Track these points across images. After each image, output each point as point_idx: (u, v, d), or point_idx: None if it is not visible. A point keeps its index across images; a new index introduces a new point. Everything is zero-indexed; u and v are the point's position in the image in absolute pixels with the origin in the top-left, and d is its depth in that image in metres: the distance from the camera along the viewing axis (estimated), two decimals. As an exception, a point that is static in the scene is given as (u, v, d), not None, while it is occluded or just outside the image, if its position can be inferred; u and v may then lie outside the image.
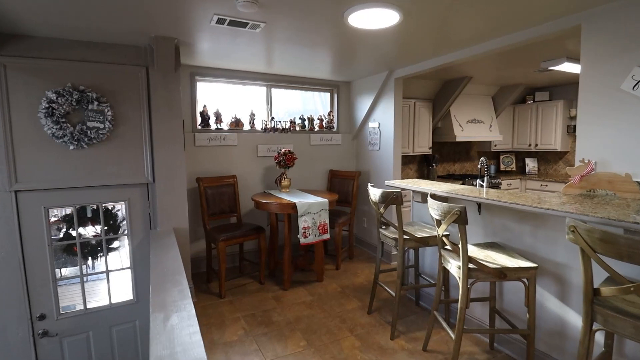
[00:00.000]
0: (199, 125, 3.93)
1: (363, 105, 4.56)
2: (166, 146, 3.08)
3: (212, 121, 3.98)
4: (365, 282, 3.67)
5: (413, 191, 2.97)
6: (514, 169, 6.14)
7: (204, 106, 3.91)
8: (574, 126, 5.34)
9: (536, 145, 5.63)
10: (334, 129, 4.80)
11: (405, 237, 2.59)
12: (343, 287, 3.55)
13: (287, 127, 4.34)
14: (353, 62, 3.69)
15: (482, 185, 2.88)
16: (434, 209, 2.12)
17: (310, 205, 3.29)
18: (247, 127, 4.18)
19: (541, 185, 5.39)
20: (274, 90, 4.38)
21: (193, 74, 3.85)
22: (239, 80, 4.11)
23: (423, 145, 5.01)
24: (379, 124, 4.35)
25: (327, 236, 3.41)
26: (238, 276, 3.78)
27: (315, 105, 4.83)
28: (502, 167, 6.15)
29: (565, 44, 3.20)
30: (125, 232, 3.12)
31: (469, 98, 5.29)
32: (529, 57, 3.66)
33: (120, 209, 3.18)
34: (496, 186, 5.27)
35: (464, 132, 5.09)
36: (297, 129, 4.51)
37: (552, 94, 5.62)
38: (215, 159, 3.97)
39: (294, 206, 3.25)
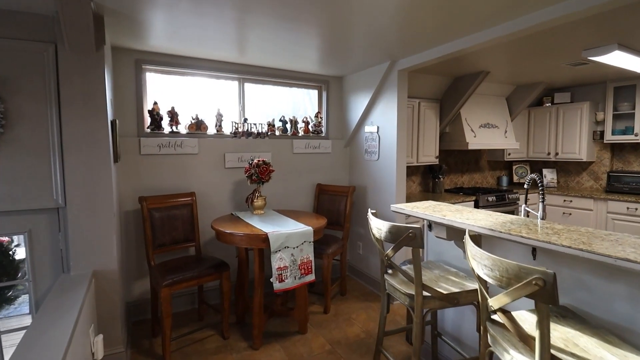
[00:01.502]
0: (148, 127, 3.04)
1: (358, 105, 3.73)
2: (84, 155, 2.19)
3: (165, 122, 3.10)
4: (362, 333, 2.80)
5: (433, 222, 2.12)
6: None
7: (155, 103, 3.03)
8: (601, 132, 4.60)
9: (556, 154, 4.87)
10: (323, 134, 3.96)
11: (425, 293, 1.74)
12: (333, 342, 2.67)
13: (264, 130, 3.48)
14: (346, 48, 2.86)
15: (527, 214, 2.06)
16: (485, 265, 1.27)
17: (288, 237, 2.42)
18: (212, 130, 3.31)
19: (564, 200, 4.61)
20: (248, 85, 3.52)
21: (139, 61, 2.98)
22: (202, 72, 3.24)
23: (429, 154, 4.20)
24: (378, 127, 3.52)
25: (311, 278, 2.54)
26: (196, 329, 2.87)
27: (305, 108, 3.99)
28: (515, 178, 5.38)
29: (619, 24, 2.42)
30: (26, 277, 2.21)
31: (481, 99, 4.51)
32: (565, 44, 2.87)
33: (19, 244, 2.28)
34: (514, 202, 4.49)
35: (477, 138, 4.30)
36: (277, 133, 3.66)
37: (573, 95, 4.88)
38: (167, 172, 3.08)
39: (265, 238, 2.38)
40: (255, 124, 3.43)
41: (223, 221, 2.78)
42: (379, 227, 1.84)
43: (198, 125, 3.19)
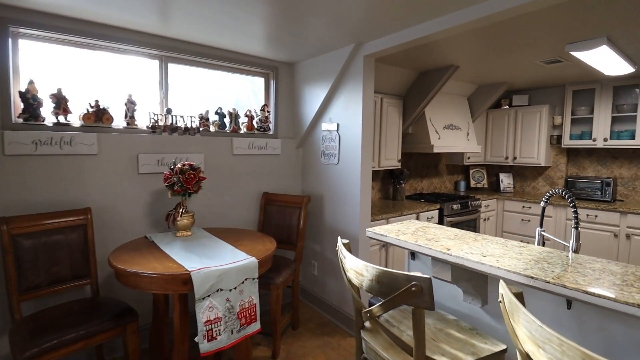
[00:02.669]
0: (19, 116, 2.13)
1: (314, 97, 3.11)
2: None
3: (46, 110, 2.21)
4: (321, 387, 2.19)
5: (433, 258, 1.55)
6: (485, 185, 5.18)
7: (30, 82, 2.14)
8: (558, 137, 4.50)
9: (515, 158, 4.70)
10: (270, 132, 3.28)
11: (427, 370, 1.16)
12: (285, 406, 2.03)
13: (195, 125, 2.72)
14: (302, 23, 2.23)
15: (543, 241, 1.59)
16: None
17: (222, 276, 1.72)
18: (120, 122, 2.48)
19: (523, 207, 4.43)
20: (172, 66, 2.73)
21: (7, 21, 2.06)
22: (107, 43, 2.39)
23: (391, 157, 3.72)
24: (338, 125, 2.94)
25: (255, 327, 1.86)
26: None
27: (250, 103, 3.27)
28: (472, 183, 5.15)
29: (614, 10, 2.08)
30: None
31: (444, 98, 4.15)
32: (546, 35, 2.53)
33: None
34: (476, 209, 4.19)
35: (441, 140, 3.92)
36: (212, 129, 2.91)
37: (531, 97, 4.75)
38: (48, 180, 2.19)
39: (187, 279, 1.65)
40: (182, 117, 2.66)
41: (128, 251, 1.98)
42: (358, 270, 1.23)
43: (98, 116, 2.34)
